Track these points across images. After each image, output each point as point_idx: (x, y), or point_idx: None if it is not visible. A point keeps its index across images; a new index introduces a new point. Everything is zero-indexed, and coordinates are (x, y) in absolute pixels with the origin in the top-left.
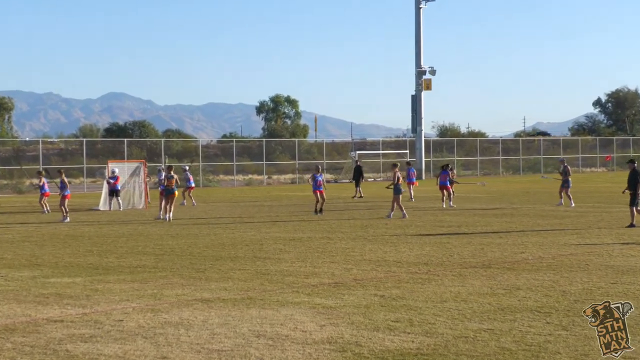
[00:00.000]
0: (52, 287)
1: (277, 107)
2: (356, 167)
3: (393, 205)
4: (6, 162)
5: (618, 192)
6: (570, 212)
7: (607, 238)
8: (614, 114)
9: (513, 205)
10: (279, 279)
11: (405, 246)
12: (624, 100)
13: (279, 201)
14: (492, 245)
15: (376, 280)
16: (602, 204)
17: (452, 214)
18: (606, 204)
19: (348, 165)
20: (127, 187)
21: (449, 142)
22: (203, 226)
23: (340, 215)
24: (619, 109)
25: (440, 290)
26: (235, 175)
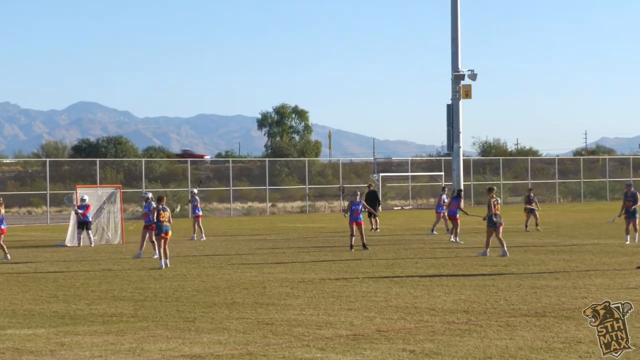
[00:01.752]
0: (9, 341)
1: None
2: (369, 193)
3: (488, 240)
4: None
5: None
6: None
7: None
8: None
9: (572, 239)
10: (285, 330)
11: (440, 290)
12: None
13: (285, 234)
14: (547, 289)
15: (405, 331)
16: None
17: (497, 249)
18: None
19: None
20: (99, 218)
21: (494, 162)
22: (192, 265)
23: (359, 252)
24: None
25: (484, 344)
26: (232, 202)
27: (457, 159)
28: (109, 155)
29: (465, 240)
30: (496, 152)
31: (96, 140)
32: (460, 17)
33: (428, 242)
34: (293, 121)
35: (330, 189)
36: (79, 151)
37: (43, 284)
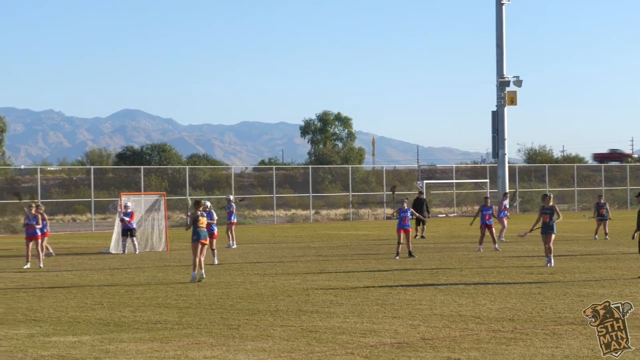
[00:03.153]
0: (54, 348)
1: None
2: (417, 200)
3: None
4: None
5: None
6: None
7: None
8: None
9: (619, 247)
10: (329, 338)
11: (485, 298)
12: None
13: (329, 242)
14: (593, 297)
15: (449, 339)
16: None
17: (543, 257)
18: None
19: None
20: (144, 226)
21: (539, 169)
22: (236, 273)
23: (403, 260)
24: None
25: (530, 352)
26: (275, 210)
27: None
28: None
29: (509, 248)
30: (542, 159)
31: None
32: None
33: (472, 249)
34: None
35: (374, 196)
36: (123, 158)
37: (88, 291)
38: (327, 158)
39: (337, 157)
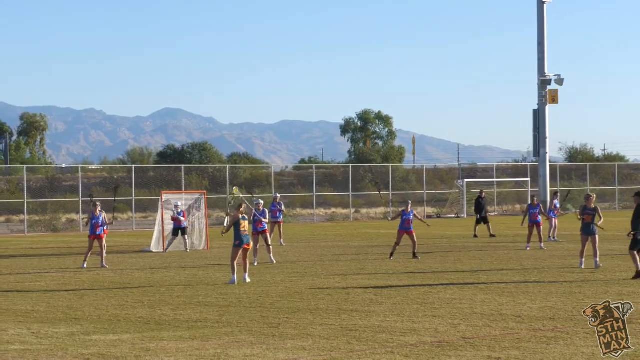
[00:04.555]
0: (94, 346)
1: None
2: (478, 200)
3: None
4: (38, 194)
5: None
6: None
7: None
8: None
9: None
10: (369, 337)
11: (525, 297)
12: None
13: (369, 241)
14: (635, 296)
15: (490, 338)
16: None
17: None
18: None
19: (454, 196)
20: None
21: (580, 168)
22: (276, 271)
23: (444, 258)
24: None
25: (570, 351)
26: (315, 208)
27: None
28: (193, 161)
29: (551, 247)
30: (583, 157)
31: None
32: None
33: (513, 248)
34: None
35: (414, 195)
36: (164, 157)
37: (128, 289)
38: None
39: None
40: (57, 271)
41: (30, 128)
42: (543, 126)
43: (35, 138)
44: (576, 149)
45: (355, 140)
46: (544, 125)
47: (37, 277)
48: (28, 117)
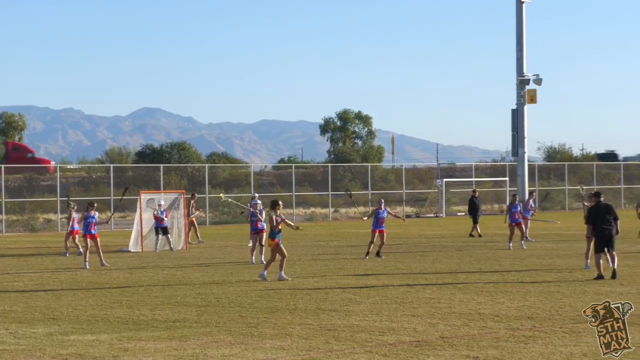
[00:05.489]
0: (72, 346)
1: (346, 125)
2: (472, 200)
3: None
4: (16, 194)
5: None
6: None
7: None
8: None
9: (637, 245)
10: (348, 336)
11: (503, 296)
12: None
13: (348, 240)
14: (612, 295)
15: (468, 338)
16: None
17: (562, 256)
18: None
19: (433, 195)
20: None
21: (559, 168)
22: (255, 271)
23: (423, 257)
24: None
25: (548, 350)
26: (294, 208)
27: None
28: (172, 161)
29: (530, 247)
30: (561, 157)
31: (160, 146)
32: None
33: (492, 248)
34: (356, 126)
35: (394, 194)
36: (143, 157)
37: (107, 289)
38: (347, 156)
39: (356, 155)
40: (35, 271)
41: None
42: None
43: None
44: (554, 149)
45: (334, 139)
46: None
47: (15, 277)
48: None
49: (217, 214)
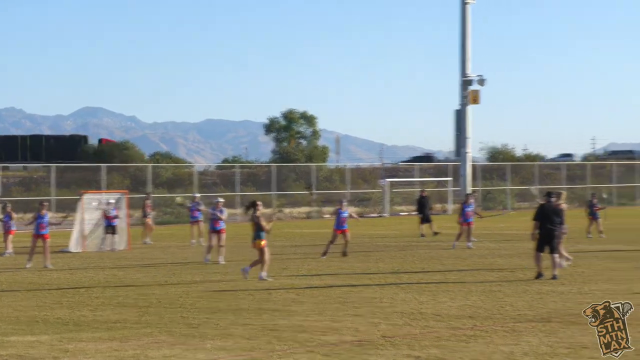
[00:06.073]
0: (12, 347)
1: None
2: (421, 199)
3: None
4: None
5: None
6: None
7: None
8: None
9: (578, 245)
10: (290, 336)
11: (445, 295)
12: None
13: (291, 240)
14: (553, 294)
15: (410, 337)
16: None
17: (504, 255)
18: None
19: (377, 195)
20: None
21: (501, 168)
22: (197, 271)
23: (366, 257)
24: None
25: (489, 349)
26: (237, 208)
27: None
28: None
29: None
30: (504, 157)
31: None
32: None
33: (435, 247)
34: (301, 126)
35: (338, 194)
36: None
37: (47, 290)
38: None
39: (301, 155)
40: None
41: None
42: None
43: None
44: (497, 149)
45: (279, 139)
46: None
47: None
48: None
49: (159, 214)
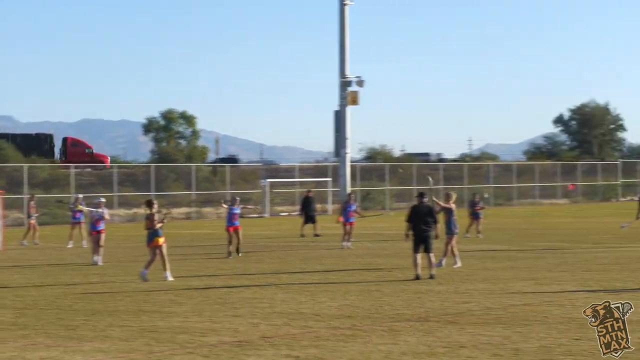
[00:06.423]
0: None
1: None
2: (306, 199)
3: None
4: None
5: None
6: (525, 254)
7: (570, 285)
8: (578, 134)
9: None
10: (169, 338)
11: (325, 295)
12: (591, 117)
13: (171, 241)
14: (431, 294)
15: (289, 337)
16: (563, 243)
17: (383, 255)
18: (569, 243)
19: (257, 196)
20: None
21: (380, 168)
22: (74, 273)
23: (246, 257)
24: (584, 127)
25: (368, 349)
26: (116, 208)
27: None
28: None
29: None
30: (382, 158)
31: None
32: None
33: (314, 247)
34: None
35: (217, 195)
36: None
37: None
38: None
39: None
40: None
41: None
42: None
43: None
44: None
45: (158, 139)
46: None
47: None
48: None
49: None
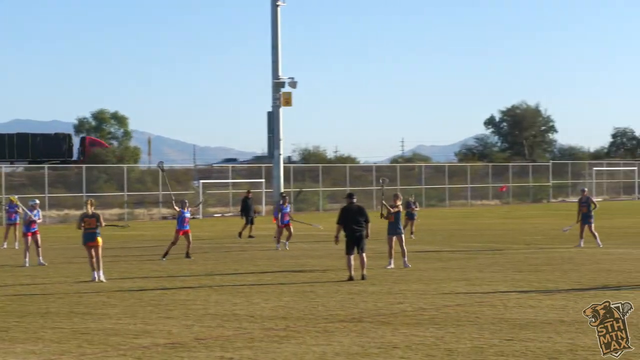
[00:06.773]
0: None
1: (101, 126)
2: (245, 199)
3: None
4: None
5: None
6: (458, 255)
7: (502, 285)
8: (509, 136)
9: None
10: (101, 340)
11: (259, 296)
12: (522, 119)
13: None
14: (364, 295)
15: (223, 339)
16: (494, 243)
17: (316, 257)
18: (500, 244)
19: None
20: None
21: (313, 169)
22: (6, 274)
23: (179, 259)
24: (515, 129)
25: (301, 350)
26: (47, 210)
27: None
28: None
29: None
30: (316, 159)
31: None
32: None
33: (248, 249)
34: (112, 127)
35: (149, 196)
36: None
37: None
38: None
39: (112, 156)
40: None
41: None
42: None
43: None
44: (309, 151)
45: None
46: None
47: None
48: None
49: None
